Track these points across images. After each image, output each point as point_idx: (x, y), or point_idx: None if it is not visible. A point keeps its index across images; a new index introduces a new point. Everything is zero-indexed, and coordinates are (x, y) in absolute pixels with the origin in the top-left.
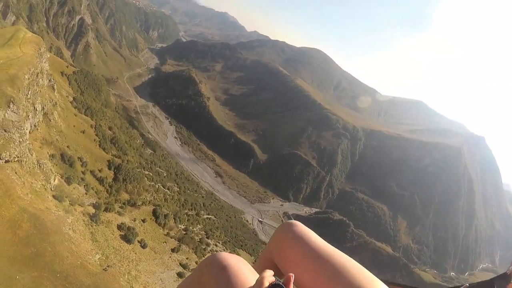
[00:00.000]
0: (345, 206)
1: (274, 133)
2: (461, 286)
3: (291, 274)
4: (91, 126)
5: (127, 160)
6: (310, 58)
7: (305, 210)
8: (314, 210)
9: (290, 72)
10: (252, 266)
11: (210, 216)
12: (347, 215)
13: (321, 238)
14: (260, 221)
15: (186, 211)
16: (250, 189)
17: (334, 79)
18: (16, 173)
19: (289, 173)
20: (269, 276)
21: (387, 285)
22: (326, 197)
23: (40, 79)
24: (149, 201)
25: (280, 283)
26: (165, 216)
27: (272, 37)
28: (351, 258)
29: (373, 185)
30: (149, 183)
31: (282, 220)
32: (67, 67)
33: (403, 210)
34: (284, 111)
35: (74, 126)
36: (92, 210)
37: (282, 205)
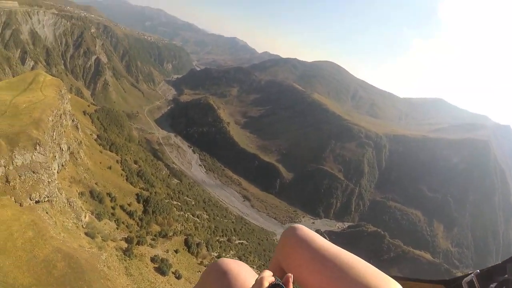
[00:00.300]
0: (378, 216)
1: (297, 150)
2: (471, 273)
3: (289, 274)
4: (117, 161)
5: (155, 192)
6: (324, 71)
7: (337, 226)
8: (346, 224)
9: (306, 88)
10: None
11: (242, 241)
12: (381, 226)
13: (325, 239)
14: None
15: (217, 238)
16: (280, 210)
17: (350, 89)
18: (47, 213)
19: (317, 189)
20: (268, 276)
21: (396, 280)
22: (358, 210)
23: (64, 120)
24: (180, 231)
25: (280, 283)
26: (197, 245)
27: (283, 56)
28: (357, 256)
29: (404, 191)
30: (178, 213)
31: None
32: (89, 106)
33: (438, 214)
34: (305, 127)
35: (100, 162)
36: (124, 245)
37: (313, 222)
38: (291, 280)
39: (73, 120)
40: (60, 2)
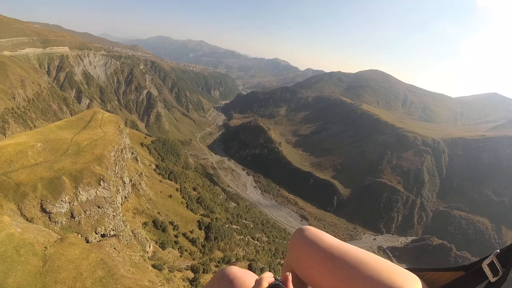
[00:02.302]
0: (442, 227)
1: (352, 165)
2: (491, 254)
3: (288, 273)
4: (177, 189)
5: (216, 218)
6: (370, 81)
7: (400, 241)
8: (410, 238)
9: (353, 99)
10: None
11: None
12: (446, 238)
13: (335, 238)
14: None
15: (278, 260)
16: (339, 228)
17: (400, 95)
18: (115, 248)
19: (376, 204)
20: (268, 277)
21: (414, 272)
22: (421, 222)
23: (124, 154)
24: (242, 257)
25: (280, 283)
26: (261, 269)
27: (327, 70)
28: (369, 252)
29: (468, 198)
30: (239, 237)
31: None
32: (145, 137)
33: (506, 218)
34: (358, 140)
35: (161, 192)
36: (191, 274)
37: (374, 239)
38: (289, 278)
39: (132, 153)
40: (108, 44)
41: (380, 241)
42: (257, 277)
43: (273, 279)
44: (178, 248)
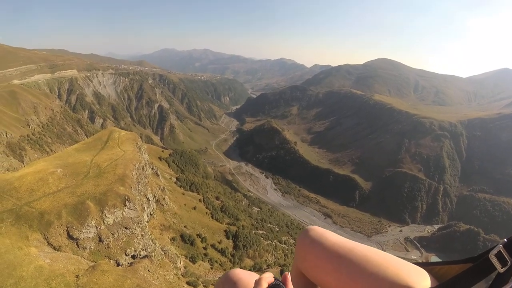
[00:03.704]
0: (468, 212)
1: (370, 157)
2: (498, 244)
3: (287, 272)
4: (200, 200)
5: (242, 226)
6: (379, 70)
7: (426, 230)
8: (436, 227)
9: (364, 91)
10: None
11: None
12: (473, 222)
13: (340, 236)
14: None
15: None
16: (363, 222)
17: (410, 81)
18: (148, 270)
19: (399, 194)
20: (268, 277)
21: (422, 266)
22: (445, 209)
23: (146, 171)
24: (273, 263)
25: (280, 283)
26: None
27: (334, 64)
28: (374, 248)
29: (491, 179)
30: (266, 242)
31: (405, 248)
32: (162, 151)
33: None
34: (373, 131)
35: (185, 204)
36: None
37: (400, 230)
38: (289, 278)
39: (152, 168)
40: (114, 62)
41: (406, 232)
42: None
43: (273, 279)
44: (208, 260)
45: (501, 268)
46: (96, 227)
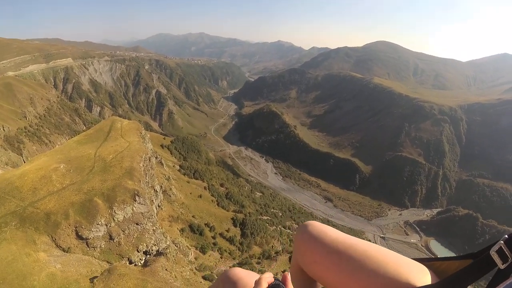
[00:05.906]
0: (467, 197)
1: (370, 141)
2: (499, 240)
3: (287, 272)
4: (205, 188)
5: (248, 213)
6: (378, 53)
7: (426, 214)
8: (435, 211)
9: (364, 74)
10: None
11: None
12: (472, 207)
13: (339, 231)
14: (382, 238)
15: None
16: (364, 206)
17: (410, 65)
18: (166, 269)
19: (399, 178)
20: (267, 277)
21: (421, 262)
22: (445, 193)
23: (151, 161)
24: (282, 250)
25: (279, 283)
26: None
27: (332, 47)
28: (375, 244)
29: (490, 164)
30: (272, 228)
31: (405, 231)
32: (164, 138)
33: None
34: (373, 115)
35: (191, 193)
36: None
37: (400, 214)
38: (289, 278)
39: (156, 157)
40: (110, 49)
41: (405, 216)
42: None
43: (273, 279)
44: (217, 250)
45: (502, 265)
46: (106, 225)
